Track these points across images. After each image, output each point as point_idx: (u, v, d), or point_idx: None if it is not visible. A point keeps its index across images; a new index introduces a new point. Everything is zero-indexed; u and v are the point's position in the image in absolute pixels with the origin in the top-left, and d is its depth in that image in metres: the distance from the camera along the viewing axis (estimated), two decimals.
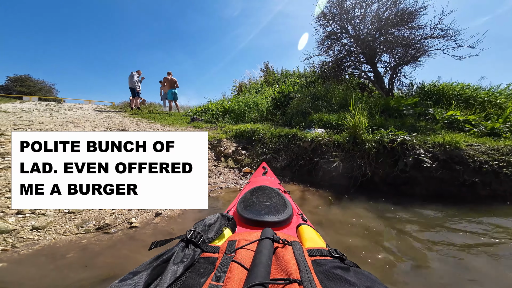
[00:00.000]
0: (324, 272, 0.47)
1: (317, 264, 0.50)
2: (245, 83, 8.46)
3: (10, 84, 21.63)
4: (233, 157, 3.32)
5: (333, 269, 0.47)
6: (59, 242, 1.35)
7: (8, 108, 5.78)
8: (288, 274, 0.41)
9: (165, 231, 1.53)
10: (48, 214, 1.61)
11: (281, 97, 5.19)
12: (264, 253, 0.46)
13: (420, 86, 5.29)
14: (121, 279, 0.40)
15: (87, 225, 1.53)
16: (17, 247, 1.29)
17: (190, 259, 0.47)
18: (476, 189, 2.27)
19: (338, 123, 3.46)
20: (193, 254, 0.49)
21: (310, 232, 0.71)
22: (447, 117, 3.54)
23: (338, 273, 0.46)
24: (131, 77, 7.15)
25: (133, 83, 7.16)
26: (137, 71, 7.39)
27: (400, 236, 1.60)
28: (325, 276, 0.46)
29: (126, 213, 1.76)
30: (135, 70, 7.37)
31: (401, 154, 2.51)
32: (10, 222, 1.48)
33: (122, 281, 0.40)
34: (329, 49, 5.95)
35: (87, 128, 3.70)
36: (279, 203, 0.92)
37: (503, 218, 1.87)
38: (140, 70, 7.40)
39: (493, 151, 2.43)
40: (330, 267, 0.48)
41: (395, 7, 4.94)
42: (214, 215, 0.68)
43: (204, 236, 0.56)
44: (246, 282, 0.39)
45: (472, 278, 1.17)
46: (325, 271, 0.47)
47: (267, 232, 0.56)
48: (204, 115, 6.26)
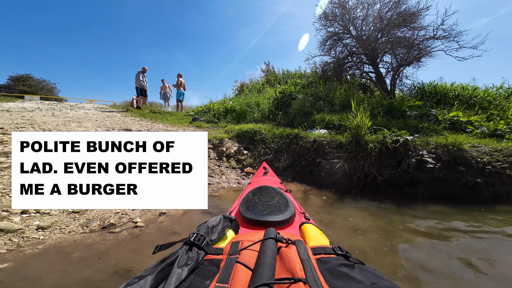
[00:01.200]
0: (329, 270, 0.47)
1: (322, 262, 0.50)
2: (247, 83, 8.48)
3: (12, 83, 21.72)
4: (235, 157, 3.32)
5: (338, 267, 0.47)
6: (65, 242, 1.36)
7: (11, 107, 5.80)
8: (293, 273, 0.41)
9: (170, 231, 1.53)
10: (53, 214, 1.62)
11: (283, 97, 5.20)
12: (268, 253, 0.46)
13: (420, 87, 5.29)
14: (127, 283, 0.40)
15: (92, 225, 1.54)
16: (23, 247, 1.29)
17: (194, 261, 0.47)
18: (479, 190, 2.27)
19: (340, 124, 3.46)
20: (197, 256, 0.49)
21: (314, 231, 0.71)
22: (450, 118, 3.54)
23: (343, 270, 0.46)
24: (138, 76, 7.16)
25: (140, 82, 7.17)
26: (143, 68, 7.37)
27: (403, 236, 1.60)
28: (330, 274, 0.45)
29: (130, 212, 1.77)
30: (140, 68, 7.35)
31: (404, 154, 2.51)
32: (15, 221, 1.48)
33: (128, 285, 0.40)
34: (331, 49, 5.95)
35: (89, 127, 3.71)
36: (281, 202, 0.92)
37: (504, 218, 1.87)
38: (146, 67, 7.39)
39: (496, 152, 2.43)
40: (335, 264, 0.48)
41: (397, 8, 4.93)
42: (216, 217, 0.68)
43: (208, 238, 0.56)
44: (251, 282, 0.39)
45: (474, 279, 1.17)
46: (330, 269, 0.47)
47: (270, 232, 0.56)
48: (205, 115, 6.27)
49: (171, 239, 1.44)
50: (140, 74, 7.23)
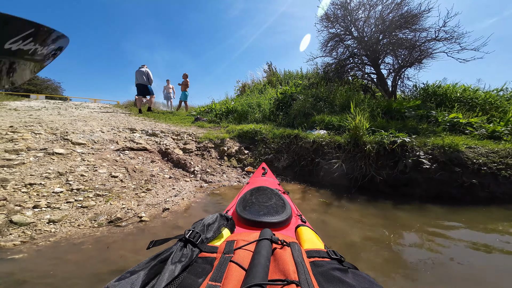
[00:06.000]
0: (322, 274, 0.47)
1: (315, 266, 0.50)
2: (248, 83, 8.55)
3: None
4: (236, 157, 3.40)
5: (331, 271, 0.48)
6: (75, 235, 1.44)
7: (18, 106, 5.94)
8: (286, 275, 0.41)
9: (173, 225, 1.61)
10: (63, 208, 1.70)
11: (284, 98, 5.25)
12: (263, 253, 0.47)
13: (424, 88, 5.31)
14: (119, 278, 0.40)
15: (99, 219, 1.62)
16: (36, 239, 1.38)
17: (188, 259, 0.47)
18: (474, 191, 2.31)
19: (340, 125, 3.51)
20: (191, 254, 0.49)
21: (309, 234, 0.71)
22: (449, 120, 3.57)
23: (336, 274, 0.46)
24: (140, 73, 6.58)
25: (142, 79, 6.58)
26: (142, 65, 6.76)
27: (400, 236, 1.65)
28: (323, 278, 0.46)
29: (135, 207, 1.85)
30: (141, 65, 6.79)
31: (401, 155, 2.56)
32: (28, 215, 1.57)
33: (119, 280, 0.40)
34: (333, 50, 5.99)
35: (95, 126, 3.81)
36: (278, 204, 0.92)
37: (499, 218, 1.91)
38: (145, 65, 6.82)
39: (492, 154, 2.47)
40: (328, 268, 0.49)
41: (399, 10, 4.96)
42: (213, 215, 0.68)
43: (203, 236, 0.56)
44: (244, 282, 0.39)
45: (470, 278, 1.20)
46: (323, 273, 0.47)
47: (266, 233, 0.56)
48: (207, 115, 6.35)
49: (176, 232, 1.52)
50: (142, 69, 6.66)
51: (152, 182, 2.40)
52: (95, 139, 3.10)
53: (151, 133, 3.88)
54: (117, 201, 1.91)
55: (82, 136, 3.14)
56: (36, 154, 2.39)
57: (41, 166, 2.19)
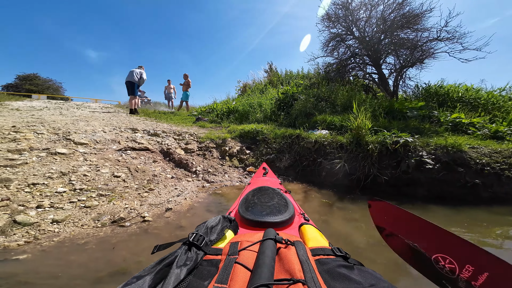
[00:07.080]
0: (328, 271, 0.47)
1: (321, 264, 0.50)
2: (249, 83, 8.55)
3: (20, 82, 22.17)
4: (238, 157, 3.40)
5: (337, 268, 0.47)
6: (78, 235, 1.44)
7: (20, 106, 5.96)
8: (292, 274, 0.41)
9: (176, 225, 1.61)
10: (66, 208, 1.70)
11: (285, 98, 5.25)
12: (267, 254, 0.46)
13: (426, 88, 5.29)
14: (125, 283, 0.40)
15: (103, 219, 1.63)
16: (39, 239, 1.38)
17: (193, 262, 0.47)
18: (477, 191, 2.31)
19: (342, 124, 3.50)
20: (196, 257, 0.49)
21: (313, 232, 0.71)
22: (452, 120, 3.56)
23: (342, 271, 0.46)
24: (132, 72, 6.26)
25: (132, 76, 6.21)
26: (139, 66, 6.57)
27: None
28: (329, 275, 0.46)
29: (138, 207, 1.85)
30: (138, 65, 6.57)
31: (404, 155, 2.55)
32: (31, 215, 1.57)
33: (125, 285, 0.40)
34: (334, 50, 5.99)
35: (97, 126, 3.81)
36: (281, 203, 0.92)
37: (502, 218, 1.91)
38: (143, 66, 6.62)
39: (495, 154, 2.46)
40: (333, 266, 0.48)
41: (400, 9, 4.95)
42: (215, 217, 0.68)
43: (207, 239, 0.56)
44: (249, 283, 0.39)
45: None
46: (329, 270, 0.47)
47: (270, 233, 0.56)
48: (209, 115, 6.35)
49: (179, 232, 1.52)
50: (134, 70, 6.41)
51: (154, 182, 2.40)
52: (97, 139, 3.11)
53: (153, 133, 3.88)
54: (120, 201, 1.91)
55: (84, 136, 3.14)
56: (39, 154, 2.40)
57: (44, 166, 2.20)
